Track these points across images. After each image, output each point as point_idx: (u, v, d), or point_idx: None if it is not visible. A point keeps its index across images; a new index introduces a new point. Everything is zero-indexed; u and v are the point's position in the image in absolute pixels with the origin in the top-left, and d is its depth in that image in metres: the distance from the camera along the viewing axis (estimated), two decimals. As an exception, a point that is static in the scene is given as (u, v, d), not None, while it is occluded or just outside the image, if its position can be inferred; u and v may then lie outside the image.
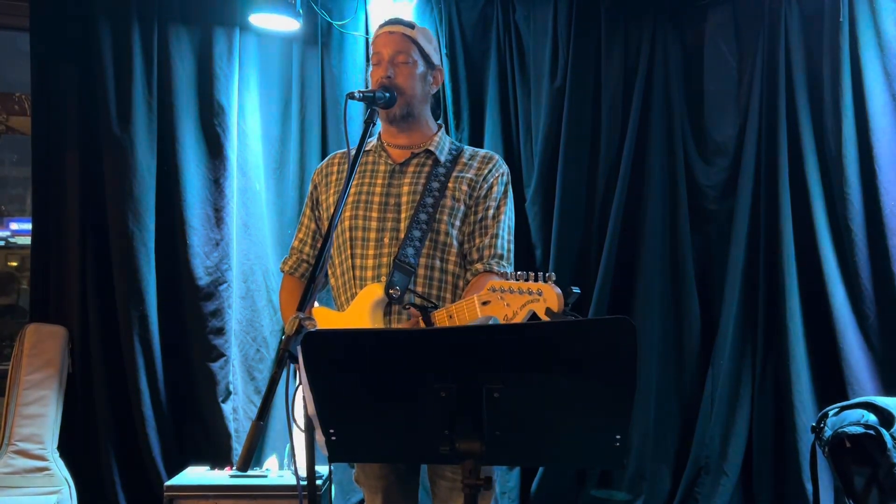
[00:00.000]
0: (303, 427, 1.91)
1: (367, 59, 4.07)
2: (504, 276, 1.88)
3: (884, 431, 2.91)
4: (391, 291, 2.09)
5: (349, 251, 2.20)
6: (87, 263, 3.81)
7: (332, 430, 1.52)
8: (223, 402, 3.80)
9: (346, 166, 2.26)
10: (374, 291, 2.11)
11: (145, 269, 3.76)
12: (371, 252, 2.17)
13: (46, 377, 3.65)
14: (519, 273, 1.79)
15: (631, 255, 4.02)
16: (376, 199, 2.20)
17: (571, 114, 4.03)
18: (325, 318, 2.20)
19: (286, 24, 3.91)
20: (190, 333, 3.84)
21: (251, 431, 1.61)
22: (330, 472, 3.38)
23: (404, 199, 2.19)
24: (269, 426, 3.81)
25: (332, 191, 2.26)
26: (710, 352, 3.98)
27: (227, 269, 3.85)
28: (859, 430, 2.96)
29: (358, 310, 2.12)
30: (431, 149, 2.26)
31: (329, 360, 1.49)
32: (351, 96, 2.05)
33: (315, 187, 2.33)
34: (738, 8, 4.01)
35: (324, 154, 4.10)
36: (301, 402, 1.91)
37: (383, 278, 2.13)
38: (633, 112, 4.02)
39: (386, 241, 2.16)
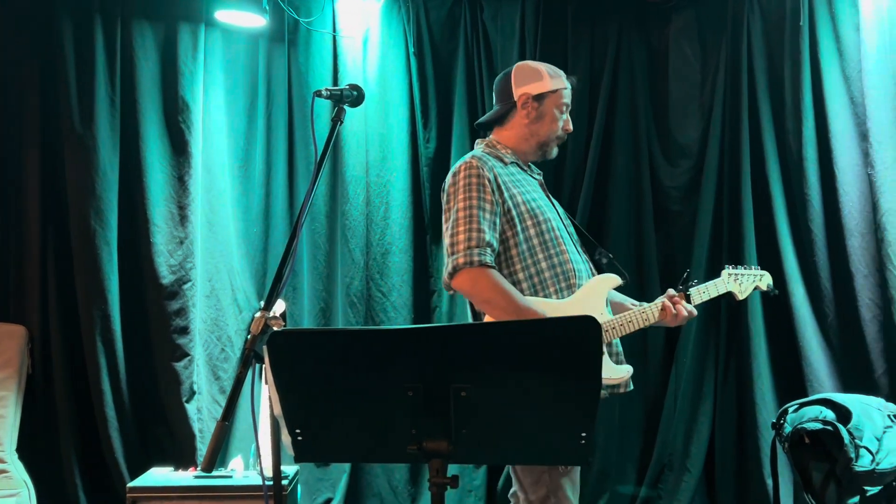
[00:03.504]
0: (263, 431, 1.90)
1: (335, 56, 4.07)
2: None
3: (841, 427, 2.98)
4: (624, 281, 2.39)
5: (563, 246, 2.34)
6: (48, 262, 3.76)
7: (298, 430, 1.51)
8: (187, 402, 3.76)
9: (501, 170, 2.36)
10: (612, 280, 2.37)
11: (108, 267, 3.71)
12: (573, 249, 2.39)
13: (5, 378, 3.58)
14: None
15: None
16: (551, 206, 2.44)
17: (538, 114, 4.05)
18: (553, 308, 2.26)
19: (252, 20, 3.88)
20: (153, 333, 3.80)
21: (216, 431, 1.59)
22: (296, 472, 3.36)
23: (559, 210, 2.48)
24: (235, 426, 3.78)
25: (514, 191, 2.34)
26: (673, 350, 4.03)
27: (192, 268, 3.82)
28: (818, 426, 3.02)
29: (595, 294, 2.32)
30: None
31: (295, 359, 1.49)
32: (318, 94, 2.05)
33: (490, 183, 2.29)
34: (701, 11, 4.06)
35: (291, 152, 4.08)
36: (267, 401, 1.90)
37: (593, 272, 2.42)
38: (599, 113, 4.06)
39: (573, 242, 2.43)
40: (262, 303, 1.75)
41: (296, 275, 4.03)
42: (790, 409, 3.18)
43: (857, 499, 2.93)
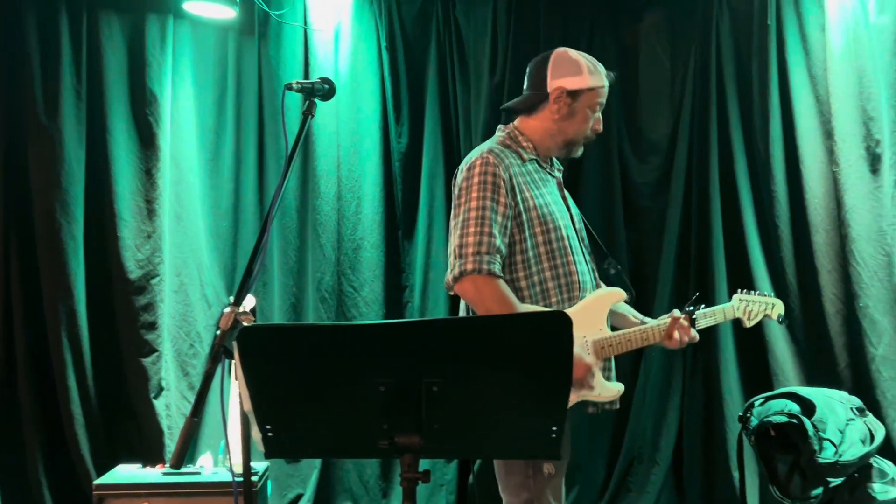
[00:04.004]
0: (233, 427, 1.89)
1: (306, 50, 4.04)
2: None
3: (805, 420, 3.03)
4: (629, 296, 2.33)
5: (569, 256, 2.24)
6: (11, 257, 3.69)
7: (268, 426, 1.50)
8: (155, 398, 3.72)
9: (518, 167, 2.23)
10: (616, 295, 2.30)
11: (73, 262, 3.66)
12: (581, 258, 2.29)
13: (-33, 374, 3.51)
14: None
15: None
16: (564, 209, 2.33)
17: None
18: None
19: (221, 12, 3.84)
20: (120, 328, 3.75)
21: (185, 428, 1.58)
22: (266, 468, 3.34)
23: (573, 213, 2.36)
24: (204, 423, 3.74)
25: (527, 193, 2.22)
26: (643, 345, 4.07)
27: (160, 263, 3.78)
28: (783, 419, 3.07)
29: (596, 308, 2.25)
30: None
31: (265, 355, 1.48)
32: (289, 87, 2.02)
33: (504, 183, 2.17)
34: (671, 9, 4.10)
35: (261, 146, 4.05)
36: (236, 397, 1.89)
37: (598, 282, 2.34)
38: (571, 109, 4.07)
39: (582, 249, 2.33)
40: (232, 298, 1.74)
41: (266, 270, 4.00)
42: (756, 403, 3.23)
43: (820, 490, 2.99)
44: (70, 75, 3.70)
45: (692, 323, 2.30)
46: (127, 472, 3.24)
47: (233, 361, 1.62)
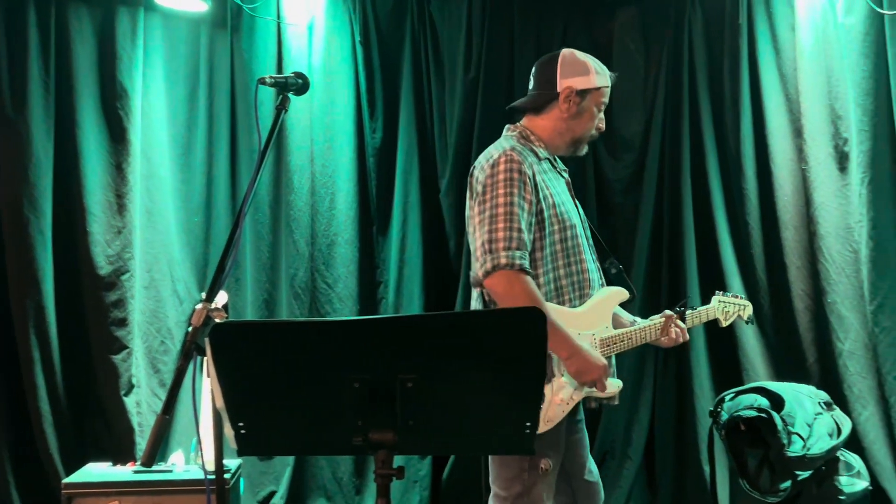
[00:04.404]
0: (205, 424, 1.88)
1: (279, 44, 4.01)
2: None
3: (774, 414, 3.08)
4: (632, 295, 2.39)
5: (582, 255, 2.30)
6: (-23, 251, 3.63)
7: (241, 424, 1.49)
8: (126, 395, 3.68)
9: (534, 166, 2.26)
10: (622, 294, 2.35)
11: (41, 257, 3.60)
12: (590, 258, 2.35)
13: (-69, 372, 3.45)
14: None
15: (541, 247, 4.10)
16: (574, 208, 2.37)
17: (485, 106, 4.07)
18: (567, 317, 2.23)
19: (193, 4, 3.80)
20: (90, 325, 3.71)
21: (156, 425, 1.56)
22: (239, 465, 3.32)
23: (581, 212, 2.41)
24: (175, 420, 3.71)
25: (547, 192, 2.26)
26: (615, 340, 4.10)
27: (130, 258, 3.73)
28: (752, 413, 3.11)
29: (604, 307, 2.31)
30: None
31: (238, 352, 1.46)
32: (262, 82, 2.01)
33: (529, 181, 2.20)
34: (644, 7, 4.13)
35: (233, 140, 4.02)
36: (208, 394, 1.87)
37: (602, 282, 2.39)
38: (545, 105, 4.09)
39: (589, 246, 2.39)
40: (204, 294, 1.72)
41: (238, 266, 3.97)
42: (727, 398, 3.27)
43: (788, 483, 3.03)
44: (38, 68, 3.64)
45: (683, 320, 2.41)
46: (97, 471, 3.20)
47: (205, 358, 1.60)
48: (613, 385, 2.29)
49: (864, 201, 3.70)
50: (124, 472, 3.16)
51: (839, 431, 3.14)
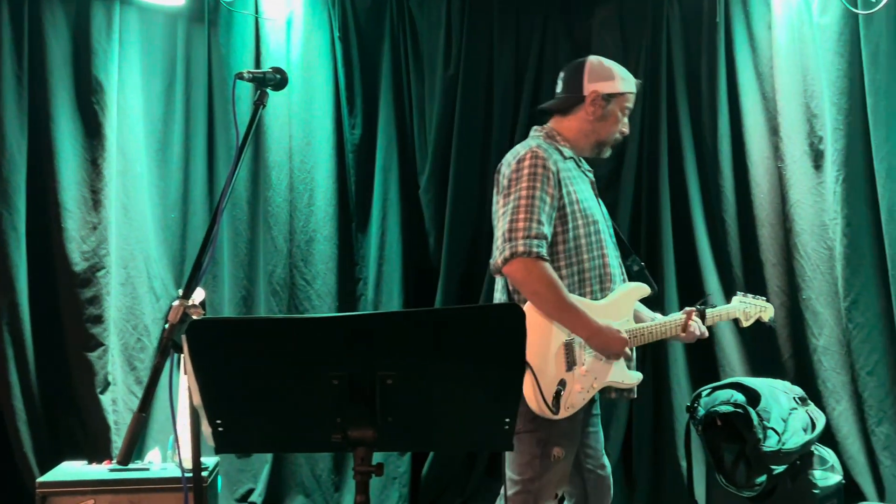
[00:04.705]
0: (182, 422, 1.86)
1: (257, 39, 3.98)
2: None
3: (751, 410, 3.11)
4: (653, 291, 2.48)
5: (604, 250, 2.39)
6: (-51, 248, 3.57)
7: (218, 421, 1.48)
8: (101, 393, 3.65)
9: (559, 163, 2.36)
10: (643, 290, 2.45)
11: (15, 253, 3.56)
12: (613, 253, 2.44)
13: None
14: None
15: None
16: (597, 206, 2.47)
17: (464, 103, 4.07)
18: (591, 308, 2.31)
19: (170, -1, 3.76)
20: (65, 322, 3.67)
21: (132, 423, 1.55)
22: (216, 463, 3.30)
23: (604, 211, 2.50)
24: (152, 418, 3.68)
25: (571, 188, 2.36)
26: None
27: (106, 255, 3.70)
28: (729, 408, 3.14)
29: (625, 301, 2.41)
30: None
31: (215, 349, 1.45)
32: (240, 77, 2.00)
33: (553, 176, 2.31)
34: (623, 5, 4.14)
35: (210, 136, 3.99)
36: (185, 392, 1.86)
37: (624, 277, 2.47)
38: (524, 102, 4.10)
39: (612, 243, 2.48)
40: (181, 291, 1.71)
41: (216, 262, 3.95)
42: (703, 393, 3.30)
43: (764, 477, 3.07)
44: (11, 61, 3.59)
45: (702, 318, 2.49)
46: (72, 469, 3.17)
47: (182, 355, 1.59)
48: (633, 376, 2.41)
49: (838, 199, 3.74)
50: (100, 471, 3.12)
51: (813, 426, 3.18)
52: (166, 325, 1.64)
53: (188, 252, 3.95)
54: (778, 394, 3.23)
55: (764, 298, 2.73)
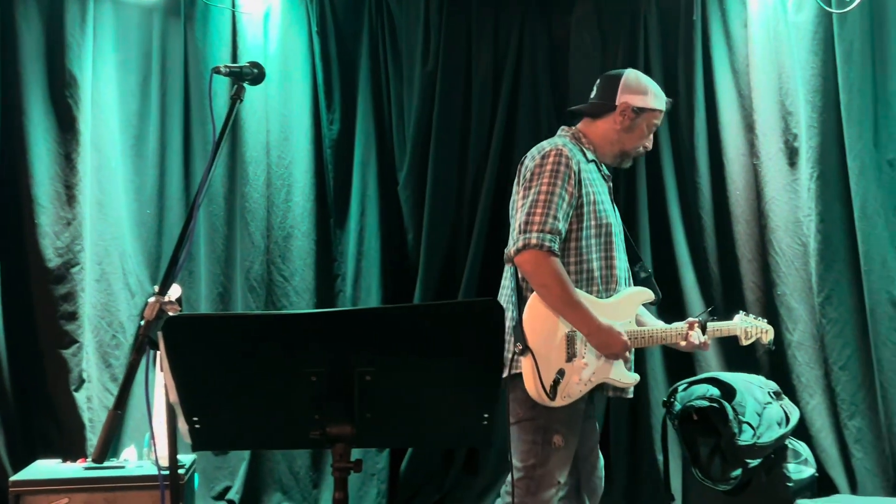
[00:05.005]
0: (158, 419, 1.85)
1: (234, 33, 3.95)
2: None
3: (726, 404, 3.14)
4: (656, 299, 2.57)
5: (613, 252, 2.47)
6: (-81, 243, 3.52)
7: (195, 418, 1.47)
8: (76, 390, 3.61)
9: (581, 164, 2.44)
10: (647, 295, 2.54)
11: (-13, 249, 3.51)
12: (623, 257, 2.52)
13: None
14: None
15: (499, 239, 4.11)
16: (613, 212, 2.53)
17: (443, 99, 4.07)
18: (596, 306, 2.40)
19: (146, -8, 3.72)
20: (39, 319, 3.63)
21: (108, 420, 1.54)
22: (193, 460, 3.27)
23: (619, 216, 2.57)
24: (128, 415, 3.64)
25: (590, 188, 2.44)
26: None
27: (80, 251, 3.66)
28: (705, 403, 3.18)
29: (629, 303, 2.50)
30: None
31: (192, 345, 1.44)
32: (217, 71, 1.98)
33: (575, 175, 2.39)
34: (601, 2, 4.16)
35: (187, 131, 3.95)
36: (162, 389, 1.85)
37: (630, 282, 2.55)
38: (503, 99, 4.10)
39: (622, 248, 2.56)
40: (157, 287, 1.70)
41: (192, 258, 3.92)
42: (680, 388, 3.33)
43: (739, 471, 3.10)
44: (-18, 54, 3.54)
45: (703, 330, 2.57)
46: (45, 468, 3.13)
47: (158, 352, 1.58)
48: (630, 376, 2.50)
49: (812, 196, 3.79)
50: (74, 469, 3.09)
51: (787, 420, 3.22)
52: (142, 322, 1.62)
53: (164, 248, 3.92)
54: (753, 388, 3.26)
55: (766, 321, 2.79)
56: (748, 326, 2.73)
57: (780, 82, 3.87)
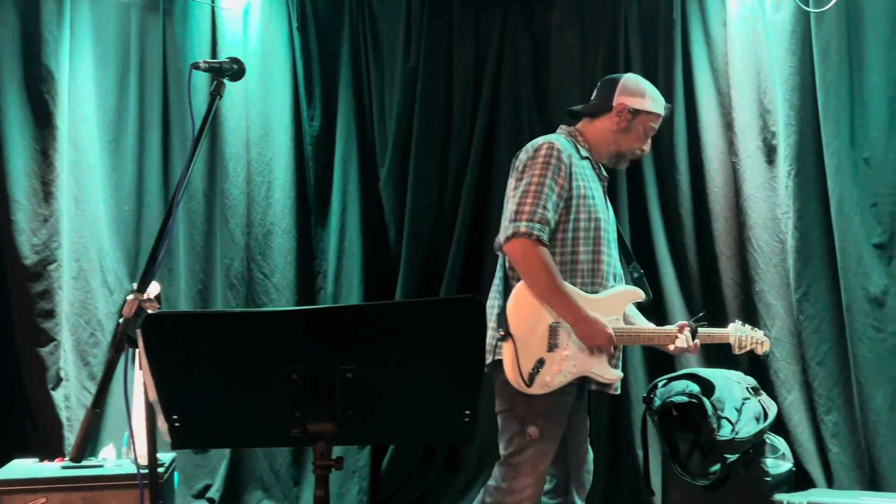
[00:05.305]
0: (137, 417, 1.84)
1: (214, 29, 3.92)
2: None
3: (705, 400, 3.17)
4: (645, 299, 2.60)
5: (601, 247, 2.49)
6: None
7: (175, 417, 1.46)
8: (53, 389, 3.58)
9: (575, 159, 2.49)
10: (636, 294, 2.56)
11: (-39, 247, 3.46)
12: (613, 254, 2.55)
13: None
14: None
15: (480, 235, 4.12)
16: (604, 207, 2.56)
17: (424, 95, 4.06)
18: (584, 300, 2.44)
19: (124, -14, 3.68)
20: (15, 316, 3.59)
21: (86, 419, 1.53)
22: (173, 459, 3.25)
23: (611, 214, 2.60)
24: (106, 414, 3.61)
25: (580, 182, 2.48)
26: (552, 329, 4.15)
27: (57, 248, 3.62)
28: (684, 399, 3.20)
29: (617, 300, 2.52)
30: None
31: (171, 343, 1.43)
32: (196, 67, 1.98)
33: (566, 168, 2.44)
34: (582, 0, 4.17)
35: (165, 127, 3.92)
36: (141, 387, 1.83)
37: (621, 280, 2.58)
38: (484, 96, 4.11)
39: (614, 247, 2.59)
40: (135, 285, 1.69)
41: (172, 255, 3.89)
42: (660, 384, 3.35)
43: (718, 466, 3.13)
44: (-44, 48, 3.49)
45: (694, 334, 2.59)
46: (22, 467, 3.10)
47: (137, 350, 1.57)
48: (613, 373, 2.51)
49: (790, 193, 3.82)
50: (52, 468, 3.06)
51: (766, 415, 3.25)
52: (121, 320, 1.62)
53: (143, 245, 3.88)
54: (731, 384, 3.29)
55: (762, 332, 2.80)
56: (742, 335, 2.73)
57: (758, 81, 3.90)
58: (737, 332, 2.73)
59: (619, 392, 2.61)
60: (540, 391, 2.37)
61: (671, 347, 2.58)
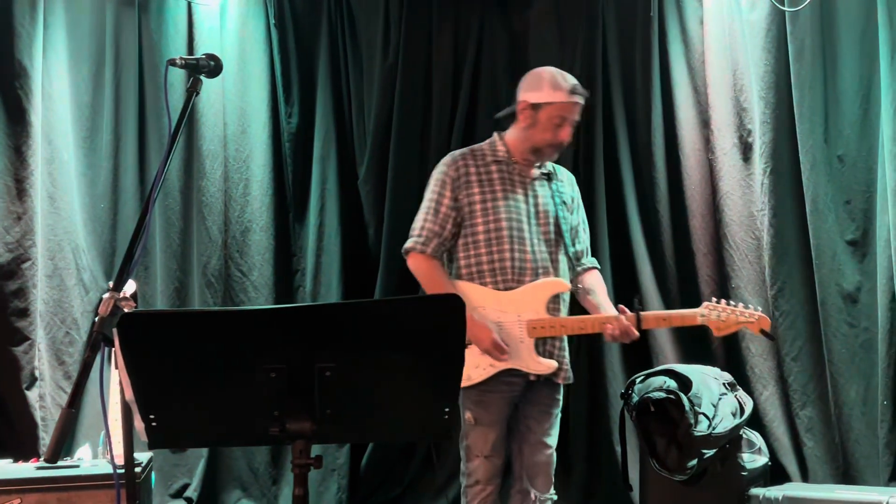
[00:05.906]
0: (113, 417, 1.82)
1: (190, 24, 3.89)
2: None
3: (682, 395, 3.19)
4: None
5: (505, 245, 2.56)
6: None
7: (152, 416, 1.45)
8: (28, 388, 3.54)
9: (479, 167, 2.63)
10: (558, 285, 2.59)
11: (-67, 245, 3.40)
12: (530, 249, 2.59)
13: None
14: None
15: (459, 234, 4.13)
16: (522, 206, 2.62)
17: (403, 92, 4.05)
18: (491, 297, 2.55)
19: (98, -19, 3.64)
20: (-13, 316, 3.53)
21: (61, 419, 1.51)
22: (150, 458, 3.23)
23: (542, 210, 2.64)
24: (82, 413, 3.58)
25: (474, 190, 2.59)
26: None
27: (31, 246, 3.57)
28: (662, 395, 3.22)
29: (537, 293, 2.56)
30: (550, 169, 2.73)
31: (148, 342, 1.42)
32: (172, 63, 1.96)
33: (453, 181, 2.59)
34: (560, -2, 4.19)
35: (141, 124, 3.89)
36: (117, 386, 1.82)
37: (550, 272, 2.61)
38: (463, 92, 4.11)
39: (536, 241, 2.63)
40: (111, 283, 1.67)
41: (148, 253, 3.85)
42: (637, 380, 3.37)
43: (695, 461, 3.16)
44: (-74, 43, 3.43)
45: (638, 320, 2.54)
46: (-4, 468, 3.06)
47: (112, 349, 1.55)
48: (542, 363, 2.57)
49: (765, 190, 3.86)
50: (26, 469, 3.02)
51: (742, 411, 3.28)
52: (96, 319, 1.60)
53: (118, 243, 3.85)
54: (708, 380, 3.32)
55: (753, 307, 2.64)
56: (719, 315, 2.58)
57: (734, 79, 3.94)
58: (709, 311, 2.58)
59: (571, 381, 2.68)
60: (468, 383, 2.51)
61: (608, 330, 2.53)
